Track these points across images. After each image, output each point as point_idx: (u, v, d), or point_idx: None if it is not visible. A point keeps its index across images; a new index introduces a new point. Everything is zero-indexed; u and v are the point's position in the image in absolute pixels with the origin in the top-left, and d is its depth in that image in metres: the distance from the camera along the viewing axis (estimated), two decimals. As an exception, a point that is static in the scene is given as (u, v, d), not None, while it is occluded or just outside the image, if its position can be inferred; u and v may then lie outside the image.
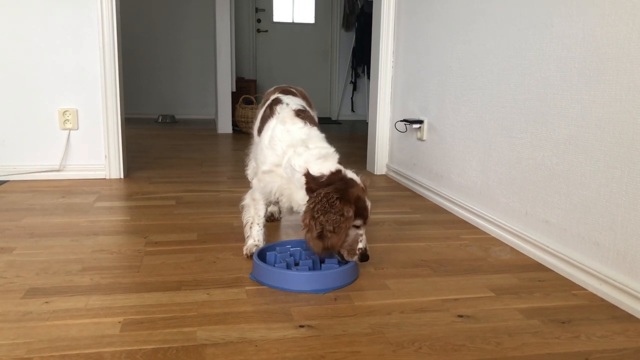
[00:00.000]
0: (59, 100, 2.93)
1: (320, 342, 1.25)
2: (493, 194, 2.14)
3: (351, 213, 1.53)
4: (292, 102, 1.88)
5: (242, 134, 5.33)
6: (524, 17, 1.92)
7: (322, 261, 1.67)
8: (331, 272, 1.56)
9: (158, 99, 6.69)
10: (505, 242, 2.02)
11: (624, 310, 1.46)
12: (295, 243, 1.81)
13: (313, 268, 1.63)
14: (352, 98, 7.01)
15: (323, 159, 1.65)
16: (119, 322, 1.32)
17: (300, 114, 1.79)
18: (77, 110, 2.95)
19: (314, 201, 1.55)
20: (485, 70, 2.18)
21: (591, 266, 1.59)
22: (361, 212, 1.56)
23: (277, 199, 1.77)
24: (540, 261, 1.82)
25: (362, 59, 6.71)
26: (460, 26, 2.40)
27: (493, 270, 1.75)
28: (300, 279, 1.53)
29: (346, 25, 6.90)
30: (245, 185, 2.94)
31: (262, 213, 1.84)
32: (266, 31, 6.87)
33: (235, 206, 2.48)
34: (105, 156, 3.01)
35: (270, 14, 6.85)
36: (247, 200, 1.89)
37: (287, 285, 1.53)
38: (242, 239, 1.97)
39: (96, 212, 2.32)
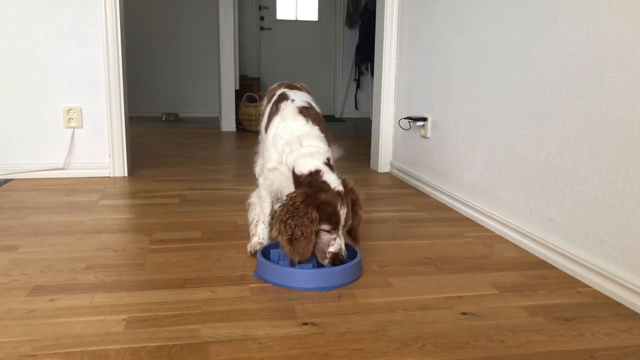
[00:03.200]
0: (63, 99, 2.94)
1: (324, 340, 1.25)
2: (497, 191, 2.13)
3: (315, 216, 1.49)
4: (298, 98, 1.85)
5: (246, 132, 5.34)
6: (528, 14, 1.91)
7: (325, 259, 1.67)
8: (335, 270, 1.56)
9: (162, 97, 6.70)
10: (510, 240, 2.01)
11: (628, 308, 1.45)
12: (299, 241, 1.81)
13: (317, 265, 1.63)
14: (355, 96, 7.01)
15: (309, 157, 1.62)
16: (124, 320, 1.32)
17: (304, 111, 1.77)
18: (81, 109, 2.96)
19: (284, 204, 1.55)
20: (489, 67, 2.18)
21: (596, 264, 1.59)
22: (329, 217, 1.52)
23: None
24: (544, 259, 1.81)
25: (365, 56, 6.70)
26: (464, 23, 2.39)
27: (497, 267, 1.74)
28: (304, 277, 1.53)
29: (349, 22, 6.89)
30: (249, 183, 2.95)
31: (267, 211, 1.84)
32: (270, 29, 6.87)
33: (239, 204, 2.49)
34: (109, 154, 3.02)
35: (274, 11, 6.85)
36: (254, 198, 1.89)
37: (290, 283, 1.53)
38: (246, 236, 1.98)
39: (100, 210, 2.33)
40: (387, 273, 1.67)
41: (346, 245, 1.77)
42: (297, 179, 1.62)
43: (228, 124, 5.45)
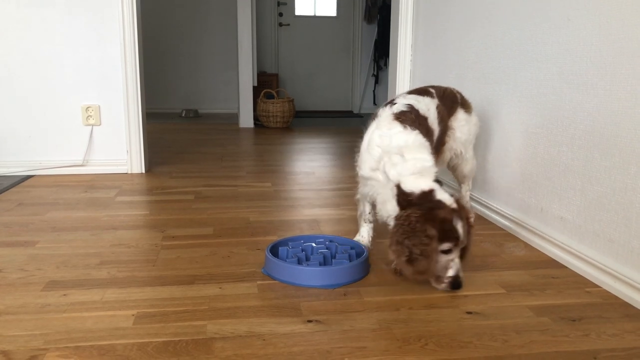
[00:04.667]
0: (82, 97, 3.00)
1: (327, 337, 1.27)
2: (509, 189, 2.12)
3: (434, 233, 1.44)
4: (402, 102, 1.74)
5: (264, 129, 5.37)
6: (541, 10, 1.89)
7: (333, 256, 1.68)
8: (341, 268, 1.57)
9: (181, 93, 6.77)
10: (521, 238, 2.00)
11: (637, 309, 1.43)
12: (307, 238, 1.83)
13: (324, 263, 1.65)
14: (374, 91, 6.98)
15: (418, 174, 1.54)
16: (133, 315, 1.36)
17: (401, 116, 1.66)
18: (99, 107, 3.02)
19: (398, 224, 1.48)
20: (502, 64, 2.16)
21: (605, 263, 1.57)
22: (448, 235, 1.46)
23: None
24: (555, 258, 1.80)
25: (384, 51, 6.66)
26: (478, 20, 2.37)
27: (506, 266, 1.74)
28: (311, 274, 1.55)
29: (368, 17, 6.86)
30: (264, 179, 2.98)
31: (367, 210, 1.82)
32: (288, 25, 6.89)
33: (253, 201, 2.52)
34: (127, 151, 3.07)
35: (292, 7, 6.86)
36: (358, 195, 1.84)
37: (297, 281, 1.55)
38: (257, 233, 2.01)
39: (117, 207, 2.38)
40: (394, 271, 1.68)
41: (355, 243, 1.80)
42: (406, 197, 1.53)
43: (246, 120, 5.48)
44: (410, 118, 1.67)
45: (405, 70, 3.25)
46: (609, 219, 1.57)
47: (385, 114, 1.70)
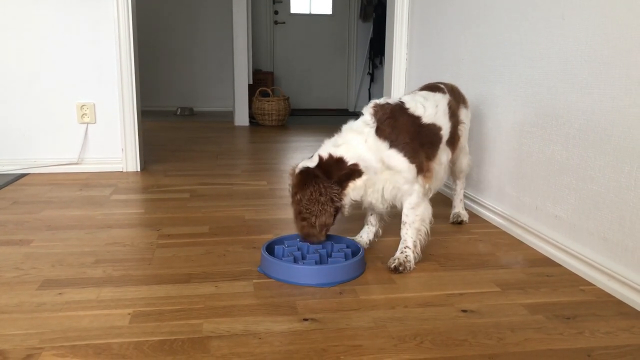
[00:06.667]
0: (77, 95, 2.99)
1: (323, 336, 1.27)
2: (504, 188, 2.13)
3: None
4: (396, 98, 1.79)
5: (259, 127, 5.37)
6: (536, 9, 1.90)
7: (329, 255, 1.69)
8: (337, 266, 1.58)
9: (177, 91, 6.76)
10: (515, 237, 2.01)
11: (631, 307, 1.44)
12: (303, 237, 1.83)
13: (320, 262, 1.65)
14: (369, 89, 6.98)
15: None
16: (129, 314, 1.36)
17: (376, 106, 1.71)
18: (94, 105, 3.01)
19: None
20: (497, 63, 2.17)
21: (599, 262, 1.58)
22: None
23: None
24: (549, 256, 1.81)
25: (379, 50, 6.66)
26: (473, 19, 2.38)
27: (501, 265, 1.74)
28: (306, 273, 1.55)
29: (364, 16, 6.86)
30: (259, 177, 2.98)
31: (369, 212, 1.87)
32: (283, 23, 6.88)
33: (248, 199, 2.51)
34: (122, 149, 3.07)
35: (288, 5, 6.85)
36: None
37: (293, 279, 1.55)
38: (253, 231, 2.01)
39: (112, 205, 2.37)
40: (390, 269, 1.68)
41: (350, 241, 1.80)
42: None
43: (241, 118, 5.48)
44: (385, 111, 1.68)
45: (401, 69, 3.26)
46: (603, 217, 1.58)
47: (369, 105, 1.74)
